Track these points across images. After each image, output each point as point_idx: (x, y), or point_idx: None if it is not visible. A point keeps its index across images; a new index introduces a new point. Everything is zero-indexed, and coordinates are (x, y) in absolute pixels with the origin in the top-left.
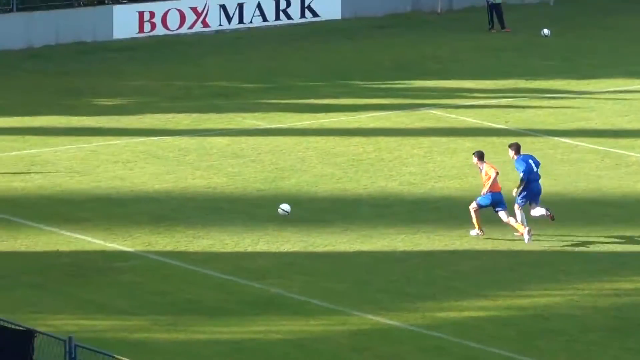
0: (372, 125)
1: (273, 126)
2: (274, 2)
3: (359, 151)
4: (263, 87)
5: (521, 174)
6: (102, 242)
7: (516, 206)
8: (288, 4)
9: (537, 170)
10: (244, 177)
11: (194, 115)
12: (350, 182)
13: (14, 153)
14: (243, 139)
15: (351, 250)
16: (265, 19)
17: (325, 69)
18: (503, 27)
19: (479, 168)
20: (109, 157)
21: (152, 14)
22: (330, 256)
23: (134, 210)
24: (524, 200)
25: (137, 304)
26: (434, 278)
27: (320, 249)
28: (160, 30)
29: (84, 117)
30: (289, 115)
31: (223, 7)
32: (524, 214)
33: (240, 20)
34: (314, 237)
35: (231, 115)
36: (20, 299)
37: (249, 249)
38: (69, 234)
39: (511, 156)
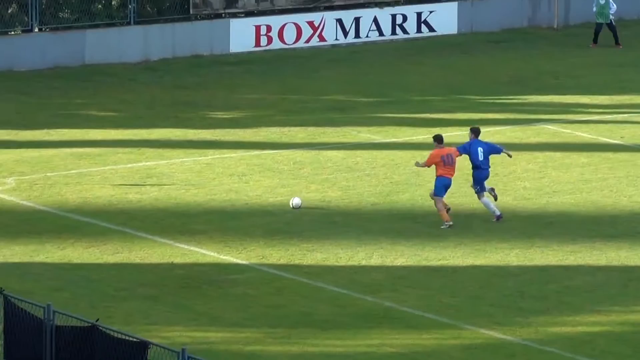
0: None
1: (388, 140)
2: (390, 17)
3: None
4: (378, 101)
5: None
6: (216, 255)
7: (477, 197)
8: (404, 19)
9: (483, 159)
10: (358, 191)
11: (310, 128)
12: (464, 197)
13: (129, 165)
14: (358, 152)
15: (464, 264)
16: (381, 34)
17: (440, 84)
18: (616, 42)
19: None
20: (224, 170)
21: (268, 28)
22: (443, 270)
23: (248, 223)
24: (476, 187)
25: (251, 316)
26: (547, 293)
27: (434, 262)
28: (276, 44)
29: (200, 130)
30: (404, 129)
31: (339, 21)
32: (487, 200)
33: (357, 35)
34: (427, 251)
35: (346, 129)
36: (135, 310)
37: (363, 263)
38: (183, 246)
39: (470, 138)
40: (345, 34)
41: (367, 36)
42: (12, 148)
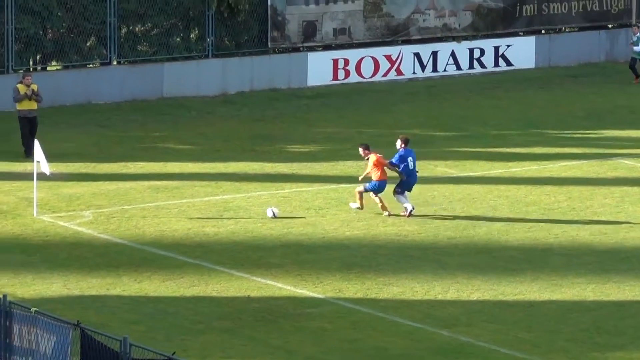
0: (564, 174)
1: (464, 174)
2: (468, 51)
3: (551, 200)
4: (455, 135)
5: (396, 163)
6: (292, 288)
7: (394, 193)
8: (482, 53)
9: (413, 167)
10: (435, 225)
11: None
12: (541, 231)
13: (206, 198)
14: (435, 186)
15: (541, 299)
16: (459, 67)
17: (517, 118)
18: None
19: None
20: (301, 203)
21: (346, 62)
22: (519, 305)
23: (324, 257)
24: (400, 189)
25: (326, 350)
26: (623, 328)
27: (510, 297)
28: (354, 78)
29: (277, 164)
30: (480, 163)
31: (417, 55)
32: (402, 197)
33: (434, 69)
34: (503, 285)
35: (423, 162)
36: (211, 343)
37: (439, 297)
38: (259, 279)
39: (398, 146)
40: (423, 67)
41: (444, 70)
42: (89, 181)
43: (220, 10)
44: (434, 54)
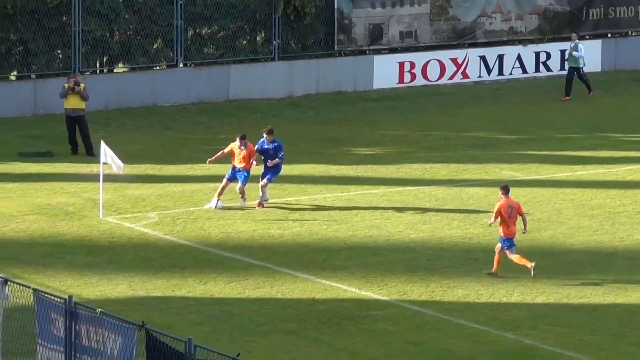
0: (629, 178)
1: (530, 177)
2: (534, 55)
3: (616, 204)
4: (521, 138)
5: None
6: (356, 291)
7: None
8: (548, 57)
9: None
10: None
11: (452, 165)
12: (606, 235)
13: (272, 201)
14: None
15: (605, 302)
16: (524, 71)
17: (583, 121)
18: (588, 90)
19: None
20: (366, 205)
21: (412, 65)
22: (584, 308)
23: (389, 259)
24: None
25: (391, 353)
26: None
27: (575, 300)
28: (419, 81)
29: (342, 166)
30: (546, 166)
31: (483, 58)
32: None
33: (500, 72)
34: (568, 288)
35: (489, 166)
36: (276, 345)
37: (504, 300)
38: (324, 281)
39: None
40: (489, 71)
41: (510, 73)
42: (155, 182)
43: (286, 13)
44: (500, 57)
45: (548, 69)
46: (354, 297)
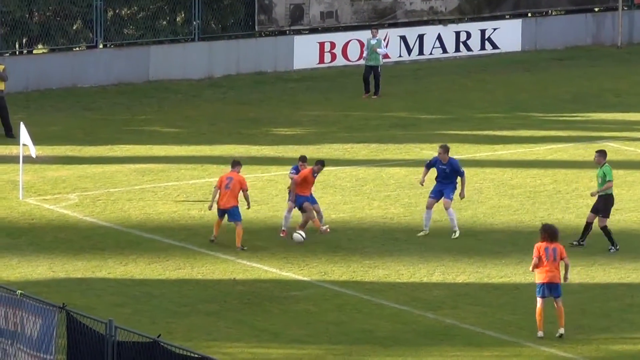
0: (549, 157)
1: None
2: (454, 34)
3: (536, 183)
4: (441, 118)
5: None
6: (277, 271)
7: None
8: (468, 36)
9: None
10: (420, 208)
11: (372, 145)
12: (526, 214)
13: (192, 182)
14: (420, 170)
15: (526, 281)
16: (445, 51)
17: (503, 101)
18: (375, 92)
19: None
20: (287, 186)
21: (332, 45)
22: (505, 287)
23: (310, 240)
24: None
25: (312, 333)
26: (608, 310)
27: (496, 280)
28: (340, 61)
29: (263, 147)
30: (466, 146)
31: (403, 38)
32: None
33: (420, 52)
34: (489, 268)
35: (409, 146)
36: (197, 326)
37: (425, 280)
38: (245, 262)
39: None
40: (409, 51)
41: (430, 53)
42: (75, 164)
43: None
44: (420, 37)
45: (468, 48)
46: (275, 277)
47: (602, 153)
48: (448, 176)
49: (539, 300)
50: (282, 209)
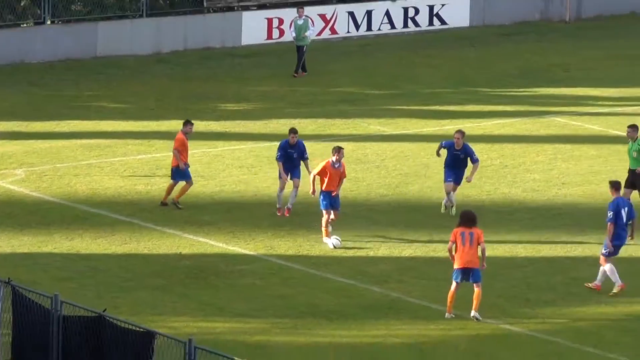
0: (496, 132)
1: (398, 132)
2: (402, 10)
3: (483, 158)
4: (389, 94)
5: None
6: (224, 246)
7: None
8: (416, 12)
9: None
10: (367, 183)
11: (320, 120)
12: (473, 188)
13: (139, 157)
14: (367, 144)
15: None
16: (393, 26)
17: (451, 76)
18: (296, 70)
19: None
20: (234, 161)
21: (280, 21)
22: (450, 262)
23: (256, 214)
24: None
25: (258, 307)
26: (554, 284)
27: (442, 254)
28: (288, 37)
29: (210, 122)
30: (413, 121)
31: (351, 14)
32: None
33: (368, 28)
34: (435, 242)
35: (356, 121)
36: (142, 300)
37: (371, 254)
38: (191, 237)
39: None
40: (357, 26)
41: (378, 29)
42: (22, 139)
43: None
44: (369, 13)
45: (416, 24)
46: (221, 252)
47: (634, 128)
48: (461, 163)
49: (453, 283)
50: (228, 184)
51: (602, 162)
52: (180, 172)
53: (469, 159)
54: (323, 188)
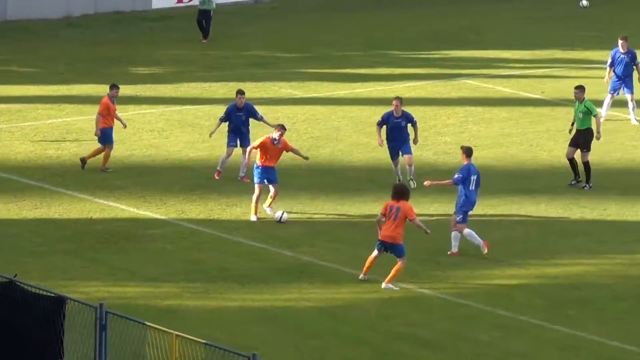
0: (408, 95)
1: (309, 95)
2: None
3: None
4: (300, 57)
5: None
6: (135, 210)
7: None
8: None
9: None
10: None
11: (231, 84)
12: (385, 152)
13: (49, 121)
14: (279, 108)
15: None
16: None
17: (362, 39)
18: (205, 36)
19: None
20: (145, 125)
21: None
22: (362, 225)
23: (168, 178)
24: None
25: (169, 271)
26: (465, 247)
27: (354, 217)
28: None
29: (121, 86)
30: (325, 84)
31: None
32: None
33: None
34: (347, 206)
35: (267, 84)
36: (53, 265)
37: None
38: (102, 201)
39: None
40: None
41: None
42: None
43: None
44: None
45: None
46: (132, 216)
47: (581, 89)
48: (403, 130)
49: (375, 250)
50: (139, 148)
51: (513, 124)
52: (107, 135)
53: (409, 124)
54: (261, 163)
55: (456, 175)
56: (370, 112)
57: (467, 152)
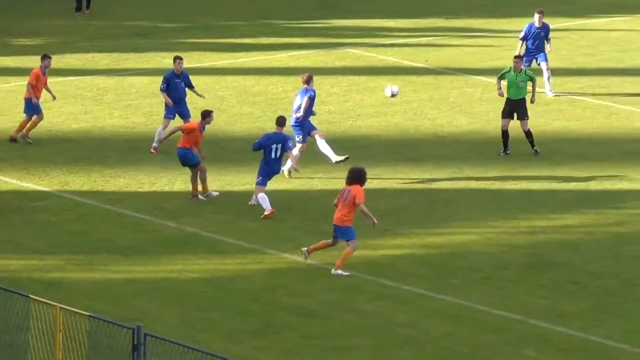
0: (291, 64)
1: (192, 66)
2: None
3: (278, 90)
4: (182, 27)
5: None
6: (17, 182)
7: None
8: None
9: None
10: (161, 117)
11: (113, 55)
12: (269, 121)
13: None
14: (161, 78)
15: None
16: None
17: (245, 9)
18: (87, 6)
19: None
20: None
21: None
22: (246, 195)
23: (50, 150)
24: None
25: (53, 244)
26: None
27: (237, 188)
28: None
29: (2, 57)
30: (207, 54)
31: None
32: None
33: None
34: (230, 176)
35: (150, 54)
36: None
37: (166, 189)
38: None
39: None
40: None
41: None
42: None
43: None
44: None
45: None
46: (15, 188)
47: (522, 58)
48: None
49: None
50: (21, 120)
51: None
52: (33, 106)
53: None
54: (179, 144)
55: (256, 143)
56: (253, 81)
57: (277, 121)
